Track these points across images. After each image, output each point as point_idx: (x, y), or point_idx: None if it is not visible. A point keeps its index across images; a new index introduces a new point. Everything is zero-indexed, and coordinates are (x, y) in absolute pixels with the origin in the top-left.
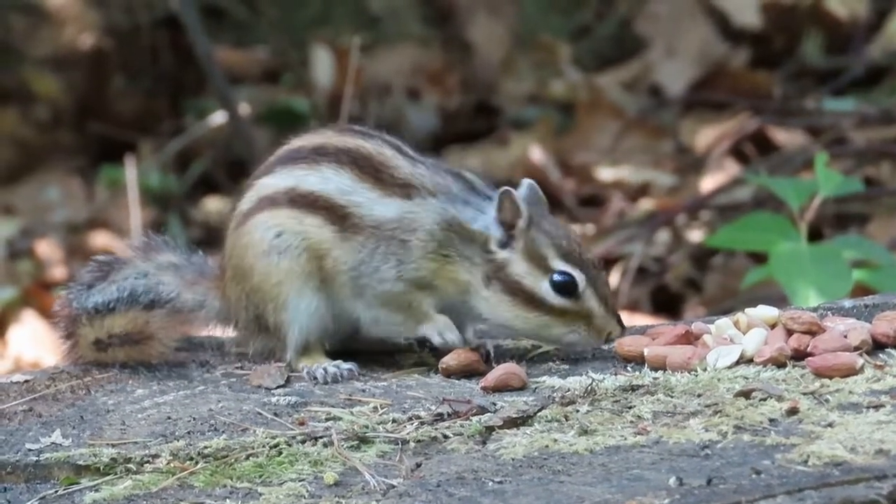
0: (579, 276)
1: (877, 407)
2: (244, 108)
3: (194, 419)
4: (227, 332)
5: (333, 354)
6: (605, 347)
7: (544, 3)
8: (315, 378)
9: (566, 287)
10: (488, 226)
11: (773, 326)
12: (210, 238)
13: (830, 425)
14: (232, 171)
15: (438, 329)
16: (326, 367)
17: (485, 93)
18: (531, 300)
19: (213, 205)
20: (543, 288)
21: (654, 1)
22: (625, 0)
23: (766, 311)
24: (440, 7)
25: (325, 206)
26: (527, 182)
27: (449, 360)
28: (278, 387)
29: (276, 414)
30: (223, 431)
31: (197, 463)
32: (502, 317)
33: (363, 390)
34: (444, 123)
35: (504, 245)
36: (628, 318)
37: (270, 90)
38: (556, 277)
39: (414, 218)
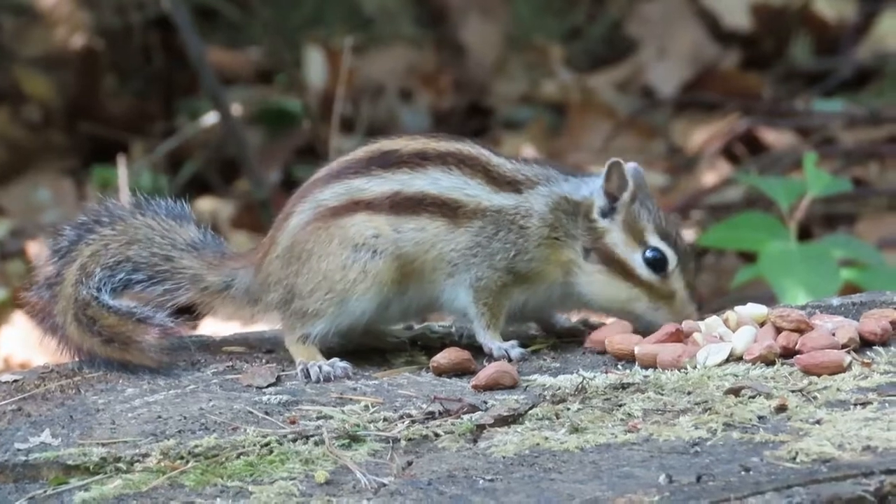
0: (671, 255)
1: (864, 404)
2: (236, 109)
3: (185, 418)
4: (244, 312)
5: (328, 353)
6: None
7: (537, 4)
8: (308, 375)
9: (657, 263)
10: (593, 192)
11: (762, 324)
12: None
13: (818, 422)
14: (224, 172)
15: (502, 347)
16: (321, 366)
17: (477, 94)
18: (622, 271)
19: (205, 205)
20: (636, 260)
21: (645, 3)
22: (616, 2)
23: (755, 310)
24: (433, 8)
25: (433, 204)
26: (632, 165)
27: (440, 359)
28: (269, 385)
29: (266, 413)
30: (214, 430)
31: (187, 462)
32: (595, 287)
33: (354, 389)
34: (436, 124)
35: (605, 214)
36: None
37: (263, 91)
38: (649, 252)
39: (529, 206)
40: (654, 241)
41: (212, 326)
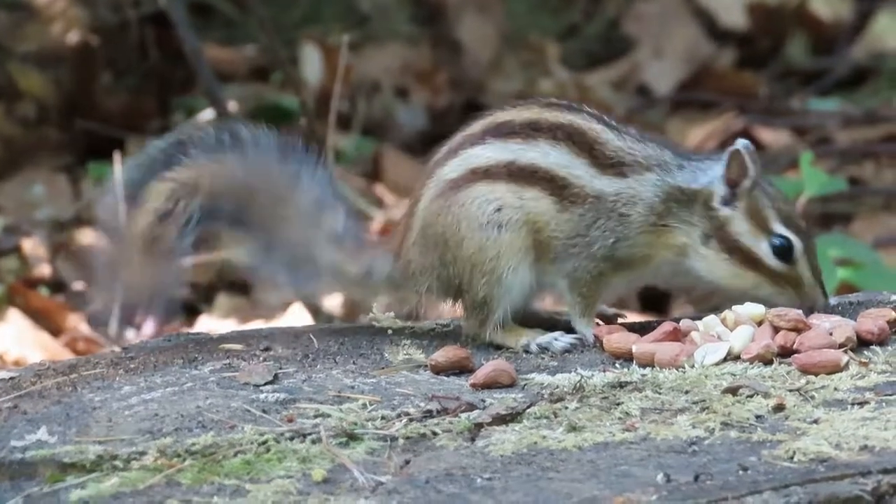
0: (797, 243)
1: (861, 403)
2: (232, 106)
3: (182, 416)
4: (389, 300)
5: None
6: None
7: (532, 2)
8: (546, 349)
9: (784, 251)
10: (713, 181)
11: (759, 324)
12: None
13: (816, 422)
14: None
15: (589, 337)
16: (556, 338)
17: (473, 92)
18: (748, 259)
19: None
20: (762, 249)
21: (641, 1)
22: (612, 0)
23: (753, 309)
24: (429, 6)
25: (544, 178)
26: (744, 142)
27: (438, 357)
28: (266, 384)
29: (264, 411)
30: (211, 428)
31: (184, 460)
32: (717, 274)
33: (352, 387)
34: (432, 122)
35: (727, 202)
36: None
37: (259, 88)
38: (776, 241)
39: (633, 193)
40: (779, 228)
41: (209, 324)
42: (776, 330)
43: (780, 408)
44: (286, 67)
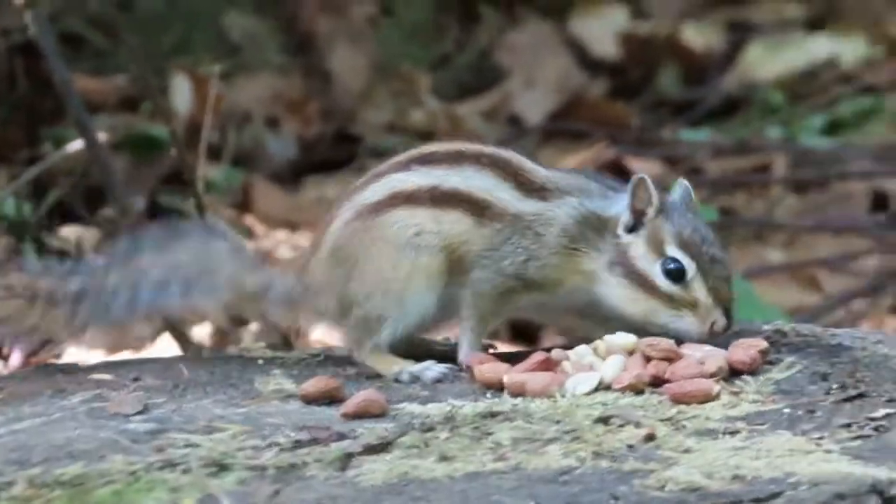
0: (689, 264)
1: (733, 433)
2: (102, 136)
3: (51, 446)
4: (287, 316)
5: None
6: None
7: (404, 32)
8: (418, 379)
9: (675, 273)
10: (622, 210)
11: (631, 353)
12: None
13: (687, 451)
14: (89, 199)
15: (463, 354)
16: (429, 368)
17: (344, 122)
18: (643, 283)
19: (69, 232)
20: (654, 271)
21: (513, 31)
22: (484, 30)
23: (624, 339)
24: (300, 36)
25: (465, 201)
26: (682, 183)
27: (309, 387)
28: (136, 413)
29: (134, 441)
30: (80, 458)
31: (53, 490)
32: (618, 300)
33: (222, 417)
34: (303, 152)
35: (630, 230)
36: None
37: (129, 118)
38: (667, 263)
39: (551, 215)
40: (672, 251)
41: (78, 354)
42: (648, 359)
43: (651, 437)
44: (156, 97)
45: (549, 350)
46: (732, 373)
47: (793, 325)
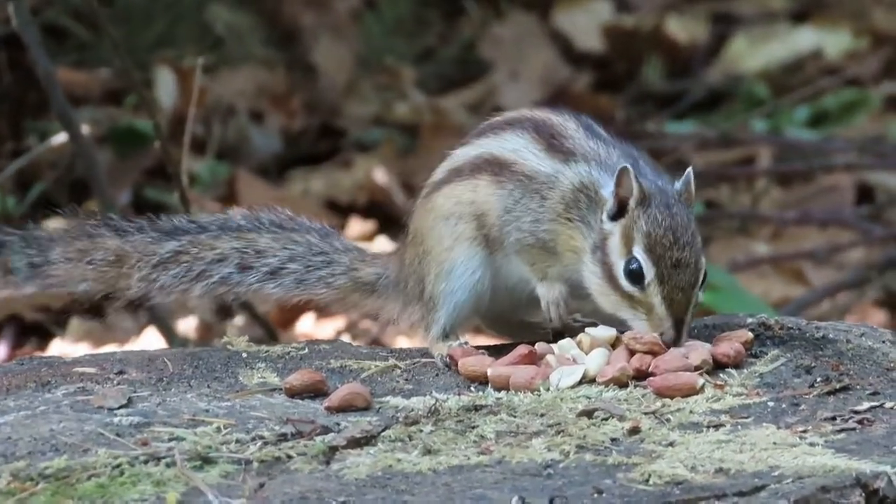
0: (648, 269)
1: (717, 426)
2: (86, 129)
3: (35, 439)
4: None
5: None
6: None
7: (388, 25)
8: (449, 368)
9: (634, 274)
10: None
11: (615, 346)
12: None
13: (671, 444)
14: (74, 193)
15: (551, 297)
16: (441, 353)
17: (329, 115)
18: (611, 276)
19: (54, 226)
20: (619, 268)
21: (497, 24)
22: (468, 23)
23: (608, 332)
24: (284, 29)
25: (496, 163)
26: (688, 172)
27: (293, 381)
28: (120, 407)
29: (118, 434)
30: (64, 452)
31: (37, 483)
32: (593, 287)
33: (207, 411)
34: (287, 145)
35: (613, 217)
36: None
37: (113, 111)
38: (631, 263)
39: (557, 177)
40: (637, 251)
41: (62, 348)
42: (632, 353)
43: (635, 431)
44: (140, 90)
45: (532, 343)
46: (716, 366)
47: (777, 317)
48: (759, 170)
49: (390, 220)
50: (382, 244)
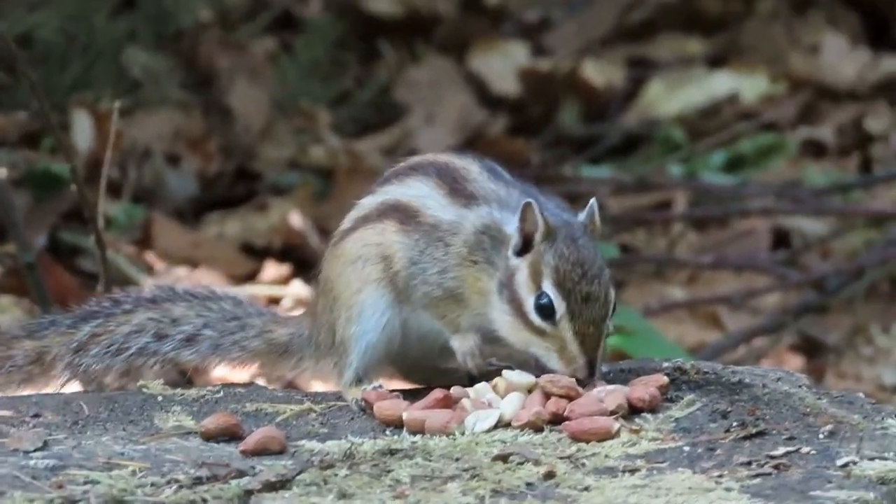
0: (559, 304)
1: (632, 471)
2: (3, 172)
3: None
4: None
5: None
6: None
7: (304, 69)
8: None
9: (544, 309)
10: (514, 230)
11: (531, 391)
12: None
13: (587, 489)
14: None
15: (465, 349)
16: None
17: (245, 158)
18: (521, 312)
19: None
20: (529, 304)
21: (413, 68)
22: (384, 67)
23: (524, 376)
24: (201, 72)
25: (401, 210)
26: (592, 203)
27: (208, 424)
28: (36, 450)
29: (33, 477)
30: None
31: None
32: (503, 326)
33: (122, 454)
34: (203, 188)
35: (518, 253)
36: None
37: (30, 154)
38: (540, 298)
39: (460, 223)
40: (546, 286)
41: None
42: (547, 397)
43: (550, 475)
44: (57, 133)
45: (448, 387)
46: (632, 410)
47: (693, 362)
48: (675, 214)
49: (306, 264)
50: (297, 288)
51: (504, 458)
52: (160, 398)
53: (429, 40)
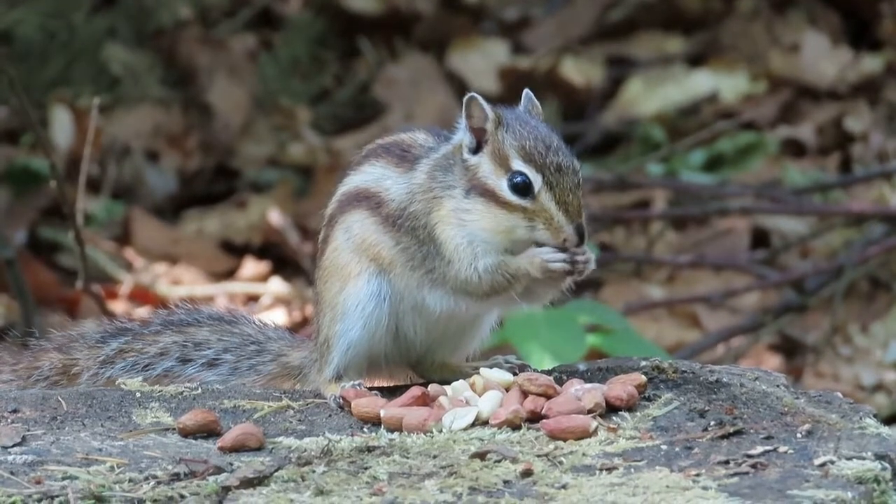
0: (535, 177)
1: (609, 469)
2: None
3: None
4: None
5: None
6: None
7: (284, 67)
8: (342, 409)
9: (521, 186)
10: (461, 137)
11: (508, 389)
12: None
13: (564, 487)
14: None
15: (533, 260)
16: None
17: (224, 155)
18: (497, 200)
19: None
20: (503, 187)
21: (393, 66)
22: (364, 65)
23: (502, 374)
24: (180, 69)
25: (365, 197)
26: (527, 93)
27: (186, 420)
28: (14, 445)
29: (12, 472)
30: None
31: None
32: (478, 223)
33: (100, 450)
34: (183, 185)
35: (474, 151)
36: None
37: (9, 150)
38: (514, 177)
39: (410, 188)
40: (516, 165)
41: None
42: (525, 395)
43: (527, 473)
44: (36, 129)
45: (426, 385)
46: (610, 409)
47: (671, 361)
48: (655, 213)
49: (284, 262)
50: (276, 285)
51: (481, 455)
52: (138, 395)
53: (408, 38)
